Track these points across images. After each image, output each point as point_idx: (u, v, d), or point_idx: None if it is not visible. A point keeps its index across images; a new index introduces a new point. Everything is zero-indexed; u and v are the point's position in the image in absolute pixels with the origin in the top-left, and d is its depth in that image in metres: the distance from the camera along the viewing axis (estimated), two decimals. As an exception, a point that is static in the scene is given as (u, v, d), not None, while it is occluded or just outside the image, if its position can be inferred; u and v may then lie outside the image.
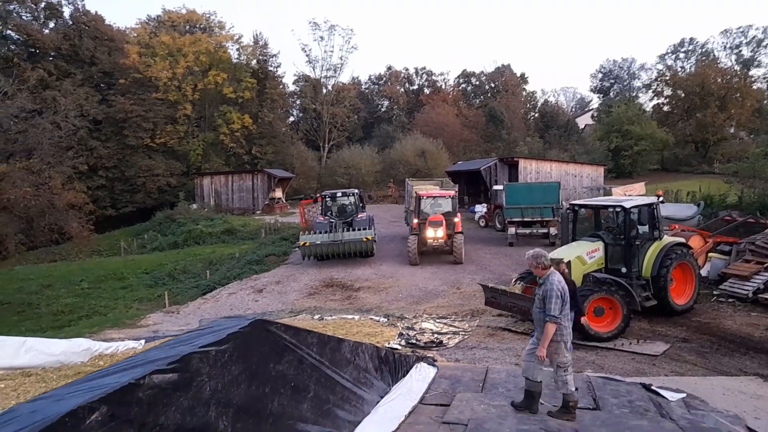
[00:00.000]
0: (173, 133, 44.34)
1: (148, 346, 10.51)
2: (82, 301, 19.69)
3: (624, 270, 11.09)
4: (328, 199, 22.35)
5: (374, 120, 69.05)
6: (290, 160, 51.74)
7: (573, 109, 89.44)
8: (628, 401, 5.86)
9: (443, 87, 75.09)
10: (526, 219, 22.46)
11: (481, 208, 31.31)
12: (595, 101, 79.49)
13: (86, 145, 32.77)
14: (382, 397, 5.28)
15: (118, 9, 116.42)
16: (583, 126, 70.97)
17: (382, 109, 73.24)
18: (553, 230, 21.84)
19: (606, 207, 12.10)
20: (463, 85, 75.32)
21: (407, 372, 6.32)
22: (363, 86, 73.41)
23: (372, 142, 59.11)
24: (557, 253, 11.13)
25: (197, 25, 50.71)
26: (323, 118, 58.23)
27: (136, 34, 47.48)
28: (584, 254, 11.05)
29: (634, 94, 67.40)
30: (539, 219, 22.38)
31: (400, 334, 11.13)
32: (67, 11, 45.55)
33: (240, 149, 48.46)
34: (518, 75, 73.33)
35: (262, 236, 28.69)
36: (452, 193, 20.63)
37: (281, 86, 58.43)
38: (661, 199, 12.99)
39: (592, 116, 71.76)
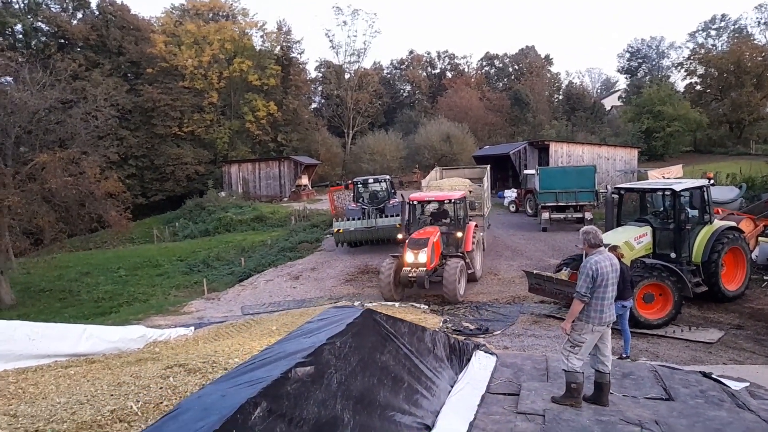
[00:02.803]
0: (200, 122, 44.67)
1: (198, 333, 10.70)
2: (121, 288, 20.14)
3: (673, 255, 10.89)
4: (359, 185, 22.36)
5: (396, 105, 68.60)
6: (315, 146, 51.77)
7: (599, 91, 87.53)
8: (700, 391, 5.75)
9: (466, 70, 74.12)
10: (560, 204, 22.16)
11: (510, 193, 31.05)
12: (622, 82, 77.60)
13: (117, 134, 33.21)
14: (451, 386, 5.27)
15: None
16: (609, 107, 69.50)
17: (404, 94, 72.67)
18: (588, 215, 21.55)
19: (654, 190, 11.85)
20: (487, 68, 74.22)
21: (469, 360, 6.29)
22: (385, 71, 72.88)
23: (395, 127, 58.79)
24: (604, 239, 10.94)
25: (221, 13, 50.71)
26: (347, 104, 58.04)
27: (161, 23, 47.74)
28: (632, 239, 10.87)
29: (664, 74, 65.59)
30: (574, 203, 22.07)
31: (445, 321, 11.13)
32: (94, 2, 46.04)
33: (266, 136, 48.65)
34: (543, 56, 71.98)
35: (292, 223, 28.88)
36: (461, 193, 15.27)
37: (304, 73, 58.34)
38: (711, 181, 12.67)
39: (620, 97, 70.14)
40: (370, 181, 22.92)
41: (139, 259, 24.35)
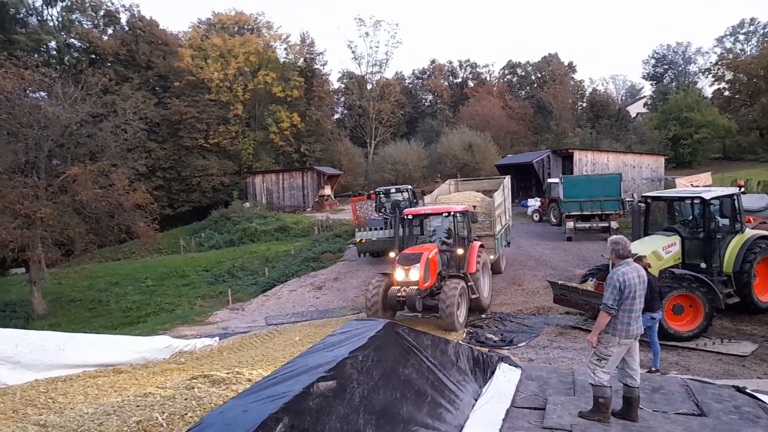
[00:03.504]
0: (226, 134, 45.44)
1: (223, 343, 10.82)
2: (148, 298, 20.49)
3: (703, 265, 10.60)
4: (381, 195, 22.42)
5: (418, 115, 68.76)
6: (338, 157, 52.14)
7: (623, 98, 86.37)
8: (734, 407, 5.56)
9: (488, 79, 73.96)
10: (585, 213, 21.83)
11: (534, 202, 30.75)
12: (648, 89, 76.42)
13: (145, 147, 34.02)
14: (475, 399, 5.20)
15: (171, 13, 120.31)
16: (634, 114, 68.45)
17: (426, 104, 72.80)
18: (614, 224, 21.18)
19: (683, 199, 11.57)
20: (509, 77, 73.94)
21: (493, 373, 6.21)
22: (407, 81, 73.17)
23: (417, 137, 58.90)
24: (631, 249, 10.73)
25: (246, 26, 51.68)
26: (369, 114, 58.39)
27: (188, 38, 48.85)
28: (660, 249, 10.62)
29: (691, 80, 64.39)
30: (599, 212, 21.72)
31: (469, 333, 11.02)
32: (123, 18, 47.38)
33: (289, 147, 49.21)
34: (566, 64, 71.40)
35: (315, 233, 29.05)
36: (463, 206, 13.53)
37: (327, 84, 58.94)
38: (742, 189, 12.34)
39: (645, 104, 69.04)
40: (392, 190, 22.97)
41: (165, 270, 24.76)
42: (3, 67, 20.80)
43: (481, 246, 13.30)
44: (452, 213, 12.77)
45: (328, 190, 44.19)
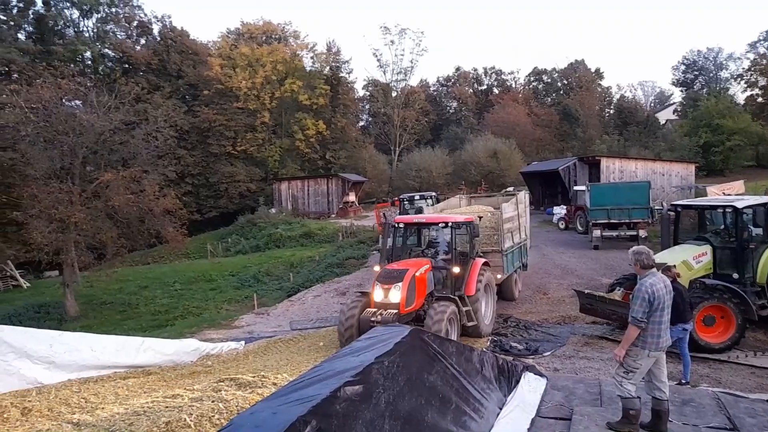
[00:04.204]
0: (253, 141, 46.24)
1: (249, 347, 10.97)
2: (176, 302, 20.88)
3: (736, 276, 10.33)
4: (405, 202, 22.51)
5: (443, 122, 68.76)
6: (362, 164, 52.47)
7: (652, 104, 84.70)
8: None
9: (513, 86, 73.55)
10: (612, 221, 21.51)
11: (559, 210, 30.39)
12: (677, 95, 74.81)
13: (175, 153, 34.83)
14: (500, 408, 5.18)
15: (201, 24, 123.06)
16: (664, 121, 67.14)
17: (451, 111, 72.76)
18: (642, 233, 20.82)
19: (714, 207, 11.32)
20: (534, 83, 73.39)
21: (518, 382, 6.17)
22: (431, 88, 73.26)
23: (441, 144, 58.87)
24: (660, 258, 10.53)
25: (273, 36, 52.56)
26: (393, 121, 58.62)
27: (218, 47, 49.93)
28: (690, 259, 10.39)
29: (722, 86, 62.85)
30: (627, 221, 21.37)
31: (493, 341, 10.94)
32: (156, 28, 48.78)
33: (314, 154, 49.78)
34: (593, 70, 70.51)
35: (340, 239, 29.23)
36: (465, 217, 11.67)
37: (352, 91, 59.47)
38: (776, 198, 11.98)
39: (675, 111, 67.61)
40: (416, 197, 23.05)
41: (193, 274, 25.22)
42: (41, 76, 21.55)
43: (486, 264, 11.60)
44: (450, 224, 10.99)
45: (352, 197, 44.45)
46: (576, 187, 28.64)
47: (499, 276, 12.53)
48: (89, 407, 6.14)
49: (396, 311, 9.06)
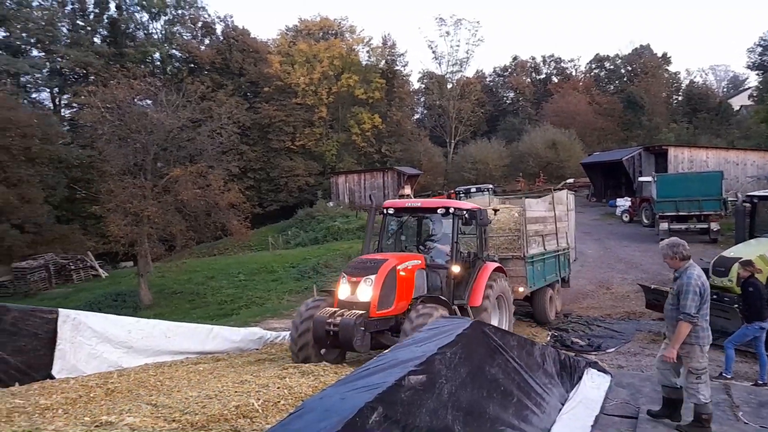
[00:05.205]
0: (311, 136, 47.22)
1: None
2: (241, 292, 21.71)
3: (819, 272, 9.64)
4: (462, 194, 22.36)
5: (499, 113, 67.51)
6: (417, 157, 52.41)
7: (725, 90, 79.53)
8: None
9: (573, 74, 71.12)
10: (681, 213, 20.54)
11: (623, 202, 29.33)
12: (753, 79, 69.80)
13: (238, 149, 36.15)
14: (562, 404, 5.12)
15: (261, 22, 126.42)
16: (738, 107, 62.92)
17: (508, 102, 71.31)
18: (714, 225, 19.77)
19: (796, 199, 10.61)
20: (596, 71, 70.64)
21: (580, 378, 6.06)
22: (487, 79, 72.02)
23: (497, 135, 57.83)
24: (735, 252, 10.00)
25: (330, 31, 53.30)
26: (449, 113, 58.12)
27: (277, 44, 51.20)
28: (768, 254, 9.80)
29: (805, 68, 58.05)
30: (697, 213, 20.34)
31: (553, 336, 10.76)
32: (219, 28, 50.65)
33: (370, 148, 50.22)
34: (659, 55, 66.97)
35: (396, 232, 29.35)
36: (471, 204, 9.74)
37: (408, 84, 59.43)
38: None
39: (750, 96, 63.18)
40: (473, 190, 22.91)
41: (256, 265, 26.12)
42: (115, 78, 22.87)
43: (500, 270, 9.35)
44: (452, 211, 8.60)
45: (408, 190, 44.49)
46: (641, 178, 27.55)
47: (521, 289, 10.42)
48: (165, 389, 6.53)
49: (363, 312, 7.03)
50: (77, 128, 34.79)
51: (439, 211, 8.79)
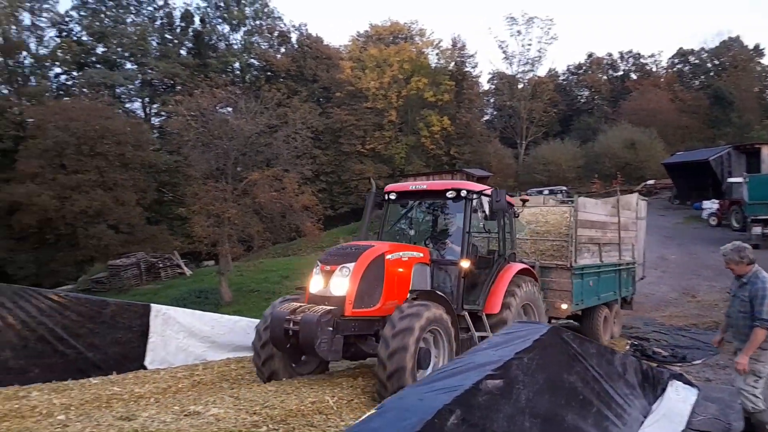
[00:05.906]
0: (380, 139, 47.84)
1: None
2: (334, 294, 22.30)
3: None
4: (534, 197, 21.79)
5: (573, 112, 65.21)
6: (487, 158, 51.65)
7: (825, 83, 72.31)
8: None
9: (654, 70, 67.40)
10: (776, 217, 19.04)
11: (710, 205, 27.53)
12: None
13: (311, 153, 37.28)
14: (644, 416, 4.93)
15: (333, 29, 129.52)
16: None
17: (582, 100, 68.73)
18: (814, 231, 18.15)
19: None
20: (679, 66, 66.54)
21: (664, 390, 5.80)
22: (560, 78, 69.71)
23: (571, 135, 55.83)
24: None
25: (400, 35, 53.71)
26: (520, 114, 56.81)
27: (348, 50, 52.29)
28: None
29: None
30: (794, 217, 18.79)
31: (633, 345, 10.31)
32: (294, 37, 52.57)
33: (439, 150, 50.12)
34: (750, 47, 62.05)
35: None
36: (482, 186, 7.56)
37: (477, 86, 58.76)
38: None
39: None
40: (545, 192, 22.26)
41: (327, 266, 26.76)
42: (199, 87, 24.28)
43: (527, 271, 7.77)
44: (464, 194, 7.01)
45: (476, 192, 43.99)
46: (731, 179, 25.77)
47: (564, 306, 8.75)
48: (245, 383, 6.90)
49: (334, 309, 5.64)
50: (165, 135, 37.34)
51: (448, 194, 7.15)
